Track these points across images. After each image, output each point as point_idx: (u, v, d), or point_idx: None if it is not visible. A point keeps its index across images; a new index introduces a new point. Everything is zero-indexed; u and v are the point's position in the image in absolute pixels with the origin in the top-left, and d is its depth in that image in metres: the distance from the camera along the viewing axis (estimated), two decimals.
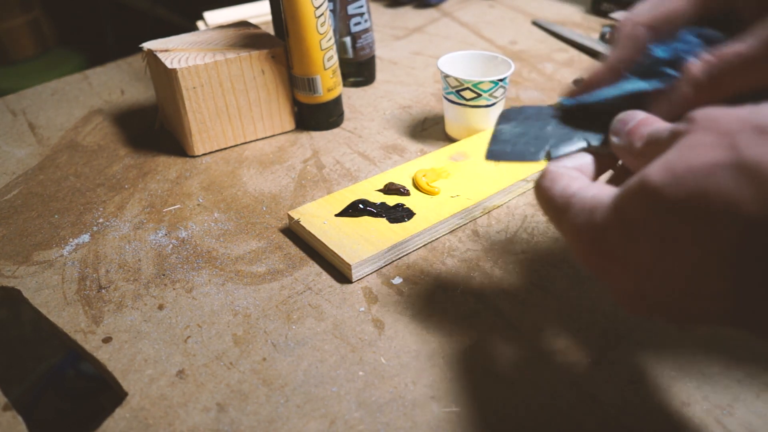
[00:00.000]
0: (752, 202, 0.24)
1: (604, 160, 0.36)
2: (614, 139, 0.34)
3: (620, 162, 0.37)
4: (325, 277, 0.49)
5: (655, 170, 0.27)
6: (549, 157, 0.36)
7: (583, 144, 0.36)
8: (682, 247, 0.26)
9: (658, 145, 0.30)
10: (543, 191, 0.34)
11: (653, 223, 0.27)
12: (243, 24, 0.72)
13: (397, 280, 0.49)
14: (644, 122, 0.33)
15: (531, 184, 0.59)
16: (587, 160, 0.36)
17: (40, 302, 0.48)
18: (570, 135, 0.37)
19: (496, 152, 0.38)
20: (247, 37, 0.67)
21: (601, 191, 0.31)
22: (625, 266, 0.29)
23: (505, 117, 0.41)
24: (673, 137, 0.29)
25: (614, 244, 0.29)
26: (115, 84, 0.84)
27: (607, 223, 0.29)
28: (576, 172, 0.35)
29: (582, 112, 0.38)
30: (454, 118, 0.66)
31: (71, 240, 0.55)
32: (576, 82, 0.39)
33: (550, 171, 0.34)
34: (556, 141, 0.37)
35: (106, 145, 0.70)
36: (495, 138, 0.39)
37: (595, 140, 0.36)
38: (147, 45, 0.66)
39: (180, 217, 0.57)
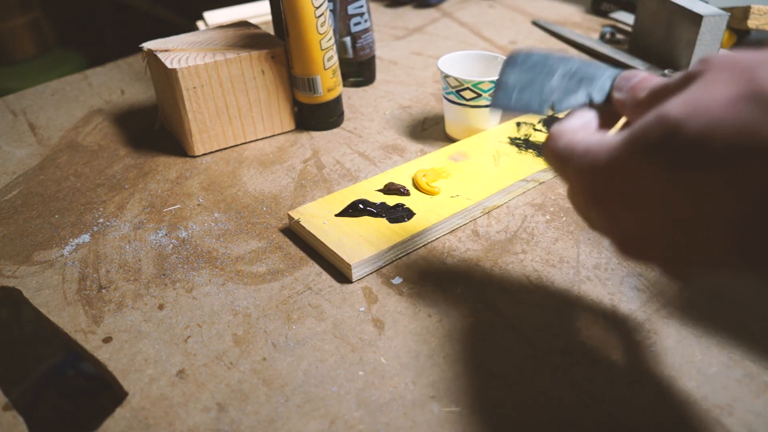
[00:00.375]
0: None
1: (606, 117, 0.36)
2: (617, 94, 0.35)
3: (623, 120, 0.37)
4: (325, 277, 0.49)
5: (675, 105, 0.27)
6: (553, 110, 0.36)
7: (585, 99, 0.36)
8: (697, 180, 0.26)
9: (666, 92, 0.30)
10: (549, 149, 0.34)
11: (669, 156, 0.26)
12: (243, 24, 0.72)
13: (397, 280, 0.49)
14: (647, 78, 0.34)
15: (531, 184, 0.59)
16: (590, 116, 0.36)
17: (40, 302, 0.48)
18: (574, 89, 0.37)
19: (501, 102, 0.38)
20: (247, 37, 0.67)
21: (606, 136, 0.31)
22: (630, 205, 0.29)
23: (511, 62, 0.40)
24: (686, 80, 0.29)
25: (621, 181, 0.29)
26: (115, 84, 0.84)
27: (614, 160, 0.29)
28: (579, 127, 0.35)
29: None
30: (454, 118, 0.66)
31: (71, 240, 0.55)
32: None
33: (554, 130, 0.35)
34: (561, 94, 0.37)
35: (106, 145, 0.70)
36: (500, 86, 0.39)
37: (599, 95, 0.36)
38: (147, 45, 0.66)
39: (180, 217, 0.57)
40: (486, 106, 0.64)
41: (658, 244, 0.29)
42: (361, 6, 0.74)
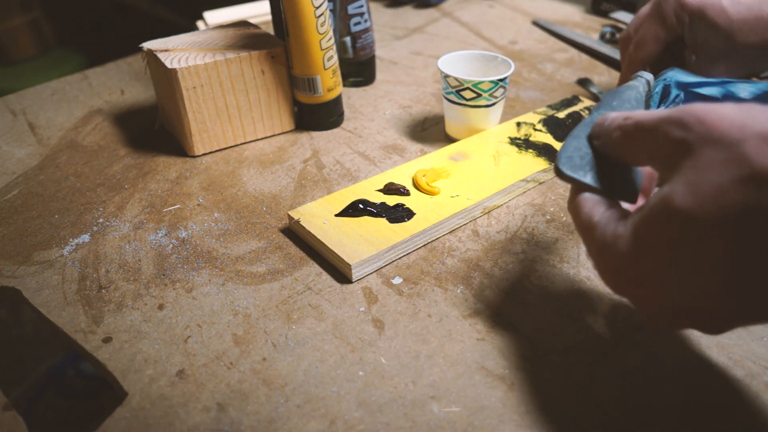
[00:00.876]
0: None
1: None
2: (596, 142, 0.37)
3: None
4: (325, 277, 0.49)
5: (679, 193, 0.29)
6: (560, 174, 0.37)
7: (587, 182, 0.37)
8: (714, 259, 0.28)
9: (643, 133, 0.33)
10: (571, 212, 0.37)
11: (684, 243, 0.29)
12: (243, 24, 0.72)
13: (397, 280, 0.49)
14: (617, 116, 0.36)
15: (531, 184, 0.59)
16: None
17: (40, 302, 0.48)
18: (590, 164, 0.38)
19: (567, 171, 0.37)
20: (247, 37, 0.67)
21: (620, 225, 0.33)
22: (653, 288, 0.31)
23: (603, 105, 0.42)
24: (675, 149, 0.30)
25: (640, 269, 0.31)
26: (115, 84, 0.84)
27: (630, 252, 0.31)
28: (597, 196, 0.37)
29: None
30: (454, 118, 0.66)
31: (71, 240, 0.55)
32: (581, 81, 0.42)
33: (575, 198, 0.37)
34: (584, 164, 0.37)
35: (106, 145, 0.70)
36: (571, 148, 0.38)
37: (594, 182, 0.36)
38: (147, 45, 0.66)
39: (180, 217, 0.57)
40: (486, 106, 0.64)
41: (686, 314, 0.31)
42: (361, 6, 0.74)
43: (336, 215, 0.53)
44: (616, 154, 0.36)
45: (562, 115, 0.68)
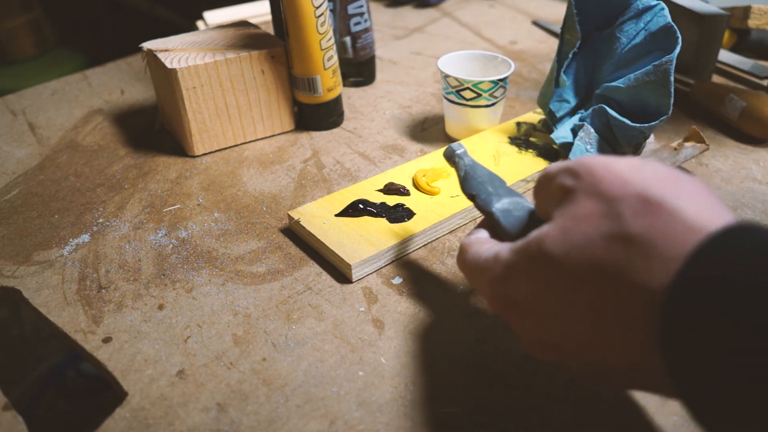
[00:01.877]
0: (640, 271, 0.26)
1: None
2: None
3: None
4: (325, 277, 0.49)
5: (551, 237, 0.29)
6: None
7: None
8: (577, 305, 0.29)
9: (546, 179, 0.34)
10: (459, 263, 0.38)
11: (548, 283, 0.30)
12: (243, 24, 0.72)
13: (397, 280, 0.49)
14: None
15: (531, 184, 0.59)
16: (484, 233, 0.40)
17: (40, 302, 0.48)
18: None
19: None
20: (247, 37, 0.67)
21: (501, 248, 0.34)
22: (525, 316, 0.32)
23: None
24: (563, 196, 0.31)
25: (513, 295, 0.32)
26: (115, 84, 0.84)
27: (505, 276, 0.32)
28: (485, 235, 0.39)
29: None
30: (454, 118, 0.66)
31: (71, 240, 0.55)
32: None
33: (462, 243, 0.38)
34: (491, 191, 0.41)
35: (106, 145, 0.70)
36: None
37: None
38: (147, 45, 0.66)
39: (180, 217, 0.57)
40: (486, 106, 0.64)
41: (559, 351, 0.31)
42: (361, 6, 0.74)
43: (336, 215, 0.53)
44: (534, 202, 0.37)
45: None
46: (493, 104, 0.64)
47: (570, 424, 0.37)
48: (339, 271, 0.50)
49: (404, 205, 0.54)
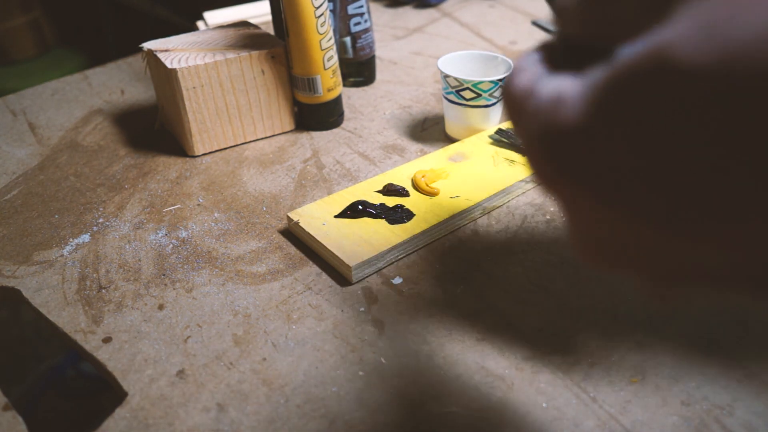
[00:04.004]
0: None
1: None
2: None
3: None
4: (325, 277, 0.49)
5: (684, 41, 0.17)
6: None
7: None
8: (703, 145, 0.17)
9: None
10: (505, 88, 0.24)
11: (665, 113, 0.17)
12: (243, 24, 0.72)
13: (397, 280, 0.49)
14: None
15: (531, 184, 0.59)
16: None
17: (40, 302, 0.48)
18: None
19: None
20: (247, 37, 0.67)
21: (569, 80, 0.21)
22: (594, 182, 0.20)
23: None
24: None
25: (583, 149, 0.20)
26: (115, 84, 0.84)
27: (577, 118, 0.20)
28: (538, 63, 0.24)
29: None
30: (454, 118, 0.66)
31: (71, 240, 0.55)
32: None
33: (516, 64, 0.24)
34: None
35: (106, 145, 0.70)
36: None
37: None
38: (147, 45, 0.66)
39: (180, 217, 0.57)
40: (486, 106, 0.64)
41: (627, 243, 0.21)
42: (361, 6, 0.74)
43: (335, 217, 0.53)
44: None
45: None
46: (493, 104, 0.64)
47: (570, 424, 0.37)
48: (339, 272, 0.50)
49: (404, 206, 0.54)
